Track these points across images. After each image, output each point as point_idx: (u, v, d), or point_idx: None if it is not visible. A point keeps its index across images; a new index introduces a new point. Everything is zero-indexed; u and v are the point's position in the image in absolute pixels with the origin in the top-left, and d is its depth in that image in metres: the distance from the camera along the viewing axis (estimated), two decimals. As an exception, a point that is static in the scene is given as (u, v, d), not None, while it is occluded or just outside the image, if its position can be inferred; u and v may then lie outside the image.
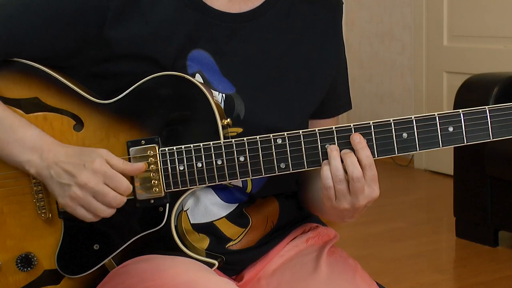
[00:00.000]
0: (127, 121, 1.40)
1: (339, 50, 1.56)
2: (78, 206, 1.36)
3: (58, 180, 1.36)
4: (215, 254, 1.45)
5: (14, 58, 1.42)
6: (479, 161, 3.57)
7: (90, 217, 1.37)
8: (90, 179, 1.34)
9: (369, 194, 1.34)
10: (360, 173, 1.32)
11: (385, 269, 3.48)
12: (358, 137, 1.33)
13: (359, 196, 1.34)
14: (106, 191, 1.34)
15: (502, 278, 3.36)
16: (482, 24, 4.80)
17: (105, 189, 1.34)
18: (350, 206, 1.35)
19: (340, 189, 1.34)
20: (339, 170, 1.33)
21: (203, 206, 1.45)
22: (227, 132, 1.40)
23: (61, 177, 1.35)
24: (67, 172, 1.35)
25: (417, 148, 1.34)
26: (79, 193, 1.34)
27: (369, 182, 1.33)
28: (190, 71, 1.42)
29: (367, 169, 1.33)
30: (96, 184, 1.34)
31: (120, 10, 1.40)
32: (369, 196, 1.34)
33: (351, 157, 1.33)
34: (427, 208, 4.63)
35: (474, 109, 1.33)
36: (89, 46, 1.41)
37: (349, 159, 1.33)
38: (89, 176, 1.34)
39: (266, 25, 1.47)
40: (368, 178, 1.33)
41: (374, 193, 1.35)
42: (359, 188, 1.33)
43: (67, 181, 1.35)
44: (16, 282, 1.45)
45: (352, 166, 1.32)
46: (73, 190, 1.34)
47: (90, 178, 1.34)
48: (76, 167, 1.34)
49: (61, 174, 1.35)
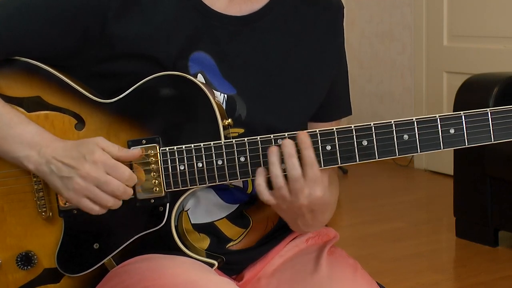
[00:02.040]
0: (128, 120, 1.40)
1: (339, 52, 1.56)
2: (83, 197, 1.35)
3: (59, 175, 1.35)
4: (215, 255, 1.45)
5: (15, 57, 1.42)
6: (479, 161, 3.57)
7: (97, 208, 1.36)
8: (92, 170, 1.33)
9: (309, 194, 1.33)
10: (298, 173, 1.32)
11: (385, 269, 3.48)
12: (305, 136, 1.33)
13: (299, 196, 1.33)
14: (109, 180, 1.34)
15: (502, 278, 3.36)
16: (482, 24, 4.80)
17: (108, 178, 1.34)
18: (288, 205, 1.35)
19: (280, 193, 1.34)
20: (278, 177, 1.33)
21: (204, 207, 1.46)
22: (228, 132, 1.40)
23: (62, 171, 1.35)
24: (67, 165, 1.35)
25: (418, 150, 1.34)
26: (82, 183, 1.34)
27: (308, 182, 1.33)
28: (192, 72, 1.42)
29: (307, 169, 1.32)
30: (98, 174, 1.33)
31: (121, 9, 1.40)
32: (310, 196, 1.34)
33: (292, 158, 1.32)
34: (427, 208, 4.63)
35: (475, 111, 1.33)
36: (90, 45, 1.41)
37: (289, 161, 1.32)
38: (90, 167, 1.33)
39: (267, 27, 1.47)
40: (307, 178, 1.32)
41: (315, 193, 1.34)
42: (298, 188, 1.32)
43: (68, 174, 1.34)
44: (16, 281, 1.45)
45: (291, 166, 1.32)
46: (76, 181, 1.34)
47: (92, 168, 1.33)
48: (76, 160, 1.34)
49: (61, 168, 1.35)
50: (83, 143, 1.36)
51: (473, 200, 3.70)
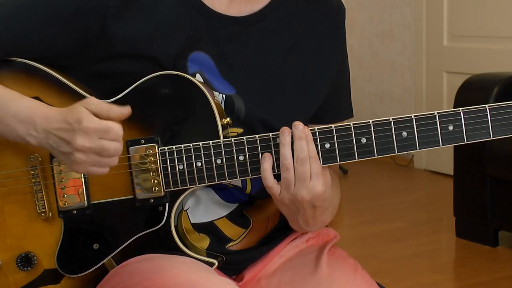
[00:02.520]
0: (127, 120, 1.39)
1: (340, 54, 1.55)
2: (89, 167, 1.32)
3: (59, 150, 1.33)
4: (215, 254, 1.45)
5: (15, 57, 1.42)
6: (479, 161, 3.57)
7: (106, 170, 1.34)
8: (86, 141, 1.30)
9: (312, 187, 1.34)
10: (306, 156, 1.33)
11: (385, 269, 3.48)
12: (304, 128, 1.34)
13: (302, 186, 1.34)
14: (105, 146, 1.30)
15: (502, 278, 3.36)
16: (482, 24, 4.81)
17: (104, 144, 1.30)
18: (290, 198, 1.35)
19: (286, 177, 1.34)
20: (287, 159, 1.34)
21: (204, 206, 1.45)
22: (227, 132, 1.40)
23: (60, 146, 1.33)
24: (62, 139, 1.32)
25: (417, 147, 1.34)
26: (82, 157, 1.31)
27: (312, 174, 1.34)
28: (191, 71, 1.42)
29: (312, 161, 1.34)
30: (93, 144, 1.30)
31: (121, 9, 1.40)
32: (312, 189, 1.34)
33: (302, 141, 1.34)
34: (427, 208, 4.63)
35: (474, 108, 1.33)
36: (90, 45, 1.41)
37: (298, 143, 1.34)
38: (83, 138, 1.30)
39: (267, 28, 1.47)
40: (312, 170, 1.34)
41: (317, 187, 1.34)
42: (304, 172, 1.33)
43: (66, 149, 1.32)
44: (16, 282, 1.45)
45: (301, 149, 1.33)
46: (76, 157, 1.31)
47: (85, 140, 1.30)
48: (68, 133, 1.31)
49: (59, 142, 1.33)
50: (71, 110, 1.32)
51: (473, 200, 3.70)
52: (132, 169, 1.39)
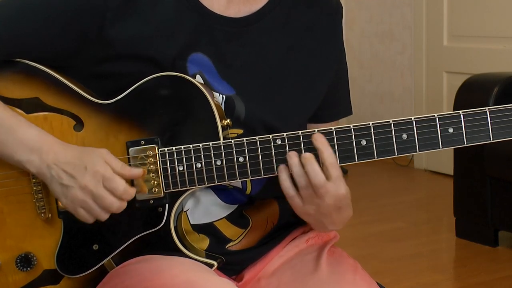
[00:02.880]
0: (127, 121, 1.40)
1: (338, 53, 1.55)
2: (79, 207, 1.36)
3: (59, 181, 1.36)
4: (214, 255, 1.45)
5: (15, 58, 1.42)
6: (479, 161, 3.57)
7: (91, 219, 1.38)
8: (91, 182, 1.34)
9: (335, 192, 1.34)
10: (322, 179, 1.32)
11: (385, 269, 3.48)
12: (320, 136, 1.33)
13: (324, 197, 1.34)
14: (104, 195, 1.34)
15: (502, 278, 3.36)
16: (482, 24, 4.80)
17: (104, 193, 1.34)
18: (315, 208, 1.35)
19: (307, 193, 1.34)
20: (301, 176, 1.33)
21: (203, 207, 1.45)
22: (227, 133, 1.40)
23: (62, 179, 1.35)
24: (67, 173, 1.35)
25: (417, 149, 1.34)
26: (79, 195, 1.34)
27: (335, 181, 1.33)
28: (190, 72, 1.42)
29: (331, 169, 1.33)
30: (95, 187, 1.34)
31: (120, 9, 1.40)
32: (335, 194, 1.34)
33: (312, 164, 1.32)
34: (427, 208, 4.63)
35: (474, 110, 1.33)
36: (89, 46, 1.41)
37: (309, 167, 1.32)
38: (89, 178, 1.34)
39: (265, 28, 1.47)
40: (333, 177, 1.33)
41: (340, 191, 1.35)
42: (324, 192, 1.33)
43: (68, 182, 1.35)
44: (16, 282, 1.45)
45: (313, 173, 1.32)
46: (74, 192, 1.35)
47: (91, 181, 1.34)
48: (77, 169, 1.35)
49: (61, 175, 1.35)
50: (88, 152, 1.36)
51: (473, 200, 3.70)
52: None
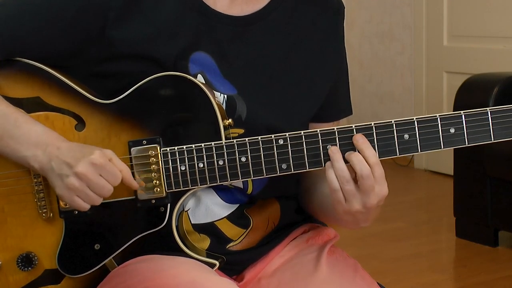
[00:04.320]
0: (128, 121, 1.40)
1: (340, 52, 1.56)
2: (75, 196, 1.35)
3: (58, 172, 1.35)
4: (215, 255, 1.45)
5: (16, 57, 1.43)
6: (479, 161, 3.57)
7: (87, 207, 1.36)
8: (88, 171, 1.33)
9: (379, 191, 1.34)
10: (368, 170, 1.32)
11: (385, 269, 3.48)
12: (361, 137, 1.33)
13: (370, 194, 1.33)
14: (102, 184, 1.33)
15: (502, 278, 3.36)
16: (482, 24, 4.80)
17: (102, 181, 1.33)
18: (361, 207, 1.34)
19: (348, 189, 1.33)
20: (344, 171, 1.33)
21: (204, 207, 1.45)
22: (228, 133, 1.40)
23: (61, 169, 1.34)
24: (66, 163, 1.34)
25: (418, 149, 1.34)
26: (76, 183, 1.33)
27: (378, 180, 1.33)
28: (192, 72, 1.42)
29: (375, 167, 1.32)
30: (92, 176, 1.33)
31: (122, 9, 1.40)
32: (379, 193, 1.34)
33: (357, 155, 1.32)
34: (427, 208, 4.63)
35: (475, 111, 1.33)
36: (91, 45, 1.41)
37: (355, 158, 1.32)
38: (87, 166, 1.33)
39: (268, 28, 1.47)
40: (376, 176, 1.33)
41: (383, 190, 1.34)
42: (369, 185, 1.32)
43: (66, 171, 1.34)
44: (17, 282, 1.45)
45: (360, 164, 1.32)
46: (70, 181, 1.33)
47: (88, 169, 1.33)
48: (75, 158, 1.34)
49: (61, 165, 1.34)
50: (89, 146, 1.36)
51: (473, 200, 3.70)
52: (134, 170, 1.39)
